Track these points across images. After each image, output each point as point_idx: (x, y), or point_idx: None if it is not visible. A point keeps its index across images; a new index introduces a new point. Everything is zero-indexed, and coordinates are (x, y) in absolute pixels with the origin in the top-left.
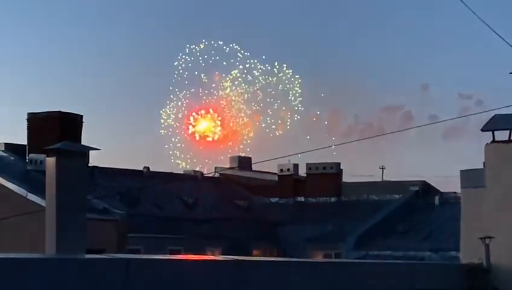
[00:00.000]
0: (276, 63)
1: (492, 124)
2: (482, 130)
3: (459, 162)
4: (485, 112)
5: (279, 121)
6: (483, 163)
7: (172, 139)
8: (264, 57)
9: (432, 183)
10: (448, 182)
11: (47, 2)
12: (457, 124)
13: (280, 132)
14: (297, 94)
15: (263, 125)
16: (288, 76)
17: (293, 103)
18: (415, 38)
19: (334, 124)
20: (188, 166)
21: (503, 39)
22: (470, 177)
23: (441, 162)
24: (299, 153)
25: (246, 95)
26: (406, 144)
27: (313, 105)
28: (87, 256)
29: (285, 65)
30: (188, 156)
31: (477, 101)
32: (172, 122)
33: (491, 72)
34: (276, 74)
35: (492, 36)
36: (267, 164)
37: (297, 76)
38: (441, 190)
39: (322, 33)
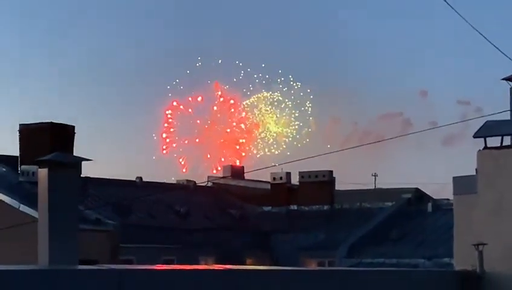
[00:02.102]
0: (279, 72)
1: (484, 131)
2: (474, 136)
3: (458, 168)
4: (478, 118)
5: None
6: (476, 169)
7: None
8: (263, 65)
9: (431, 190)
10: (446, 188)
11: (38, 12)
12: (456, 130)
13: (278, 149)
14: (308, 111)
15: (260, 144)
16: (296, 88)
17: (300, 124)
18: (413, 45)
19: (333, 131)
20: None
21: (498, 49)
22: (462, 184)
23: (440, 169)
24: (293, 161)
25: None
26: (404, 151)
27: (311, 113)
28: (80, 267)
29: (291, 76)
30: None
31: (476, 108)
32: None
33: (489, 78)
34: (280, 88)
35: (489, 43)
36: (259, 173)
37: (308, 90)
38: (440, 197)
39: (319, 41)
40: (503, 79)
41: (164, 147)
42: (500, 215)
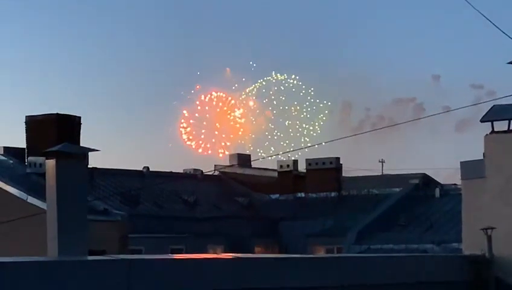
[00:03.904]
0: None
1: (491, 115)
2: (481, 120)
3: (472, 153)
4: (488, 101)
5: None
6: (483, 154)
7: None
8: (278, 66)
9: (445, 175)
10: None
11: (46, 2)
12: (469, 115)
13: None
14: (326, 102)
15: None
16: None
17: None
18: (424, 29)
19: (346, 117)
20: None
21: (504, 33)
22: (470, 168)
23: (454, 154)
24: (302, 148)
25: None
26: (417, 136)
27: (323, 99)
28: (90, 258)
29: (283, 74)
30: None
31: (489, 92)
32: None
33: (502, 61)
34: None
35: (499, 26)
36: (266, 161)
37: (319, 78)
38: (453, 182)
39: (330, 26)
40: (509, 63)
41: (185, 137)
42: (508, 199)
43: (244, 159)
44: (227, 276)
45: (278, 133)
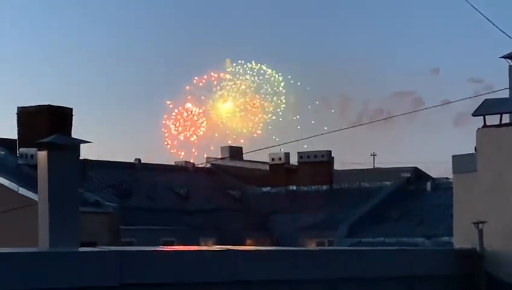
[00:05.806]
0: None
1: (483, 109)
2: (473, 115)
3: (468, 147)
4: (481, 95)
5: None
6: (475, 148)
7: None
8: (276, 60)
9: (443, 169)
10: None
11: None
12: (467, 109)
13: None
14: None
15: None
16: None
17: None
18: (424, 22)
19: (344, 111)
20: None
21: (498, 28)
22: (461, 162)
23: (452, 147)
24: (293, 141)
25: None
26: (414, 130)
27: (320, 92)
28: (81, 249)
29: (280, 70)
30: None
31: (487, 86)
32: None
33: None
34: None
35: (497, 21)
36: (258, 153)
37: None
38: (449, 176)
39: (331, 18)
40: (501, 57)
41: (166, 135)
42: (499, 193)
43: (235, 152)
44: (219, 268)
45: (272, 131)
